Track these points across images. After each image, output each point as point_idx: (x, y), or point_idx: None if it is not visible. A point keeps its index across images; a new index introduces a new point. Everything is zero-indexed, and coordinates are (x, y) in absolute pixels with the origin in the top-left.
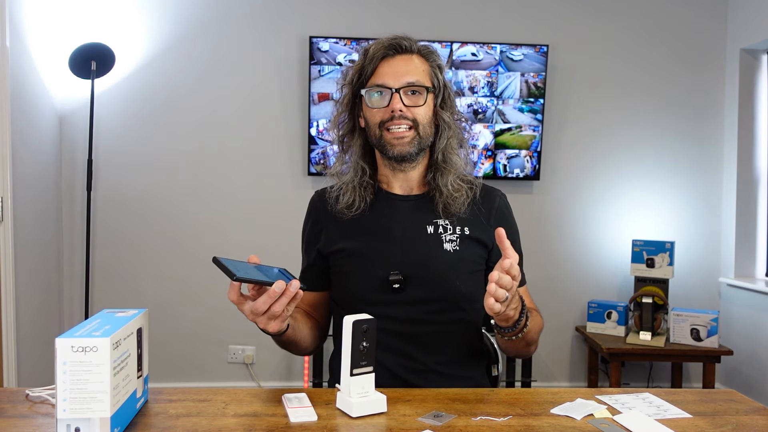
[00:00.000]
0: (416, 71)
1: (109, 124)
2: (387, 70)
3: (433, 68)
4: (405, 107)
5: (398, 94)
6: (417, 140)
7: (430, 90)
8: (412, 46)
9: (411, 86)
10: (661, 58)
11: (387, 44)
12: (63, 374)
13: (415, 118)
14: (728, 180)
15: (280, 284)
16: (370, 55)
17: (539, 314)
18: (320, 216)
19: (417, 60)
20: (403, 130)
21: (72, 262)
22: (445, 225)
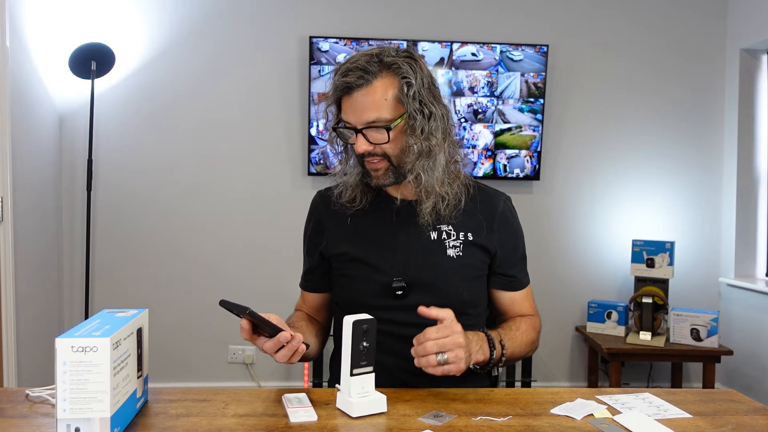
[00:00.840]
0: (376, 106)
1: (109, 124)
2: (347, 108)
3: (402, 86)
4: (371, 145)
5: (361, 134)
6: (392, 170)
7: (391, 127)
8: (368, 78)
9: (372, 125)
10: (661, 58)
11: (341, 84)
12: (63, 374)
13: (384, 152)
14: (728, 180)
15: (284, 335)
16: (331, 92)
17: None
18: (322, 217)
19: (379, 87)
20: (376, 162)
21: (72, 262)
22: (448, 231)
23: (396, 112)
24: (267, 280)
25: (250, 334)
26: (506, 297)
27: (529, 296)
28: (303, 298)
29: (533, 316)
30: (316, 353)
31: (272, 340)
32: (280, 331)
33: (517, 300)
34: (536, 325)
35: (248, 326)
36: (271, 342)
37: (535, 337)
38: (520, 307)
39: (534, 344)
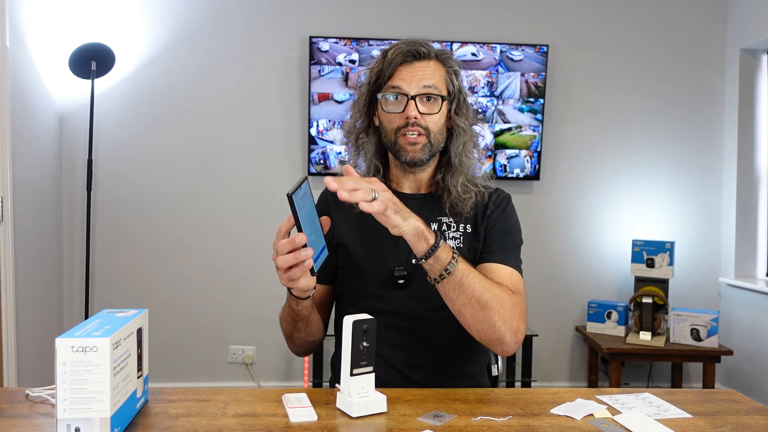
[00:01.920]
0: (433, 77)
1: (109, 124)
2: (404, 75)
3: (449, 73)
4: (420, 114)
5: (414, 101)
6: (428, 147)
7: (445, 98)
8: (430, 52)
9: (427, 92)
10: (661, 58)
11: (405, 50)
12: (63, 374)
13: (427, 126)
14: (728, 180)
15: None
16: (389, 59)
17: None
18: (330, 208)
19: (434, 65)
20: (416, 136)
21: (72, 262)
22: (449, 222)
23: (445, 92)
24: (267, 279)
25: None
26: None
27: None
28: None
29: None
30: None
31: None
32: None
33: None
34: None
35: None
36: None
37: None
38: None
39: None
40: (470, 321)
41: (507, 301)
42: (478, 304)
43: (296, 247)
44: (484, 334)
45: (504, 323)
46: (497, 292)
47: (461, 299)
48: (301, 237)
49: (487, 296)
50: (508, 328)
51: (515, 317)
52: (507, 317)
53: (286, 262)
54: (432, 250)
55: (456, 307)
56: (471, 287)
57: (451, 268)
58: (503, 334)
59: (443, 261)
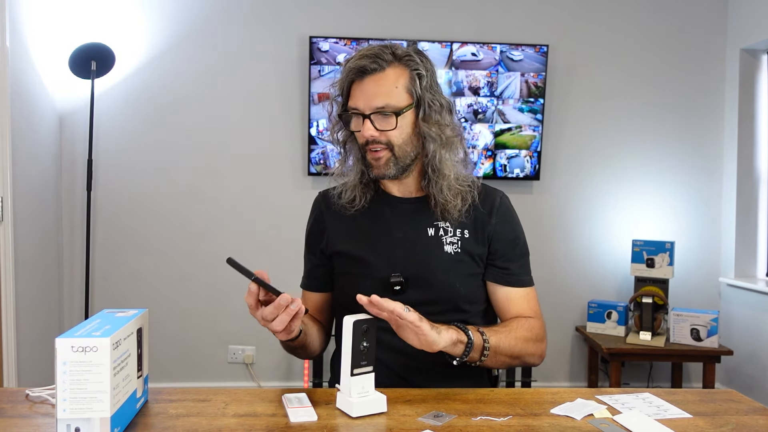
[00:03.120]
0: (387, 93)
1: (109, 124)
2: (357, 94)
3: (413, 78)
4: (377, 132)
5: (369, 119)
6: (393, 161)
7: (401, 112)
8: (382, 63)
9: (380, 110)
10: (661, 58)
11: (355, 67)
12: (63, 374)
13: (389, 141)
14: (728, 180)
15: (285, 297)
16: (343, 75)
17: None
18: (323, 216)
19: (391, 75)
20: (379, 151)
21: (72, 262)
22: (445, 227)
23: (405, 102)
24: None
25: (255, 300)
26: (501, 294)
27: (531, 299)
28: (304, 299)
29: (533, 318)
30: (316, 349)
31: (273, 303)
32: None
33: (513, 298)
34: (535, 326)
35: (256, 289)
36: (271, 306)
37: (532, 336)
38: (517, 306)
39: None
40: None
41: (532, 339)
42: (511, 358)
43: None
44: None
45: (532, 357)
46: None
47: (497, 362)
48: (285, 297)
49: (518, 349)
50: (535, 359)
51: (540, 346)
52: (536, 353)
53: (283, 323)
54: (467, 350)
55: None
56: (504, 352)
57: (486, 353)
58: (532, 363)
59: (478, 348)
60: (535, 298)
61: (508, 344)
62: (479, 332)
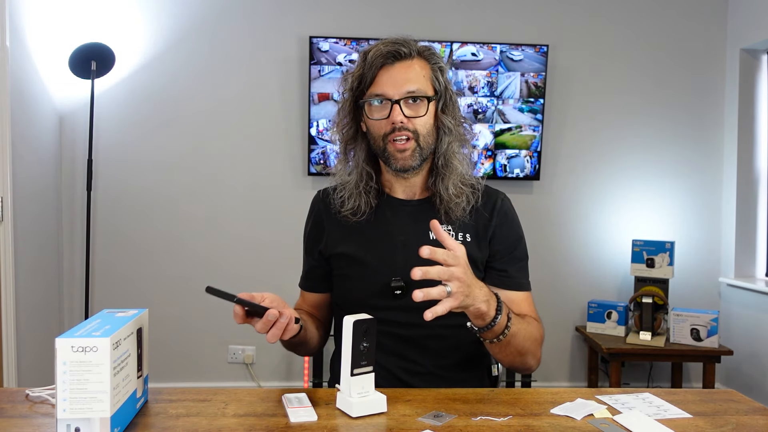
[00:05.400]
0: (416, 78)
1: (109, 124)
2: (386, 79)
3: (434, 71)
4: (406, 118)
5: (398, 105)
6: (418, 151)
7: (431, 99)
8: (411, 51)
9: (411, 95)
10: (661, 57)
11: (385, 51)
12: (63, 374)
13: (416, 129)
14: (728, 180)
15: (272, 312)
16: (369, 62)
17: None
18: (322, 217)
19: (417, 65)
20: (404, 141)
21: (72, 262)
22: (448, 231)
23: (430, 92)
24: (267, 279)
25: (243, 319)
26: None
27: (530, 302)
28: (302, 298)
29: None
30: (315, 345)
31: (261, 320)
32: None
33: (515, 301)
34: (540, 329)
35: (241, 312)
36: (261, 322)
37: (538, 337)
38: (518, 308)
39: (536, 345)
40: (505, 362)
41: (538, 340)
42: (519, 353)
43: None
44: (514, 367)
45: (534, 359)
46: (534, 336)
47: (504, 352)
48: (272, 313)
49: (528, 345)
50: (535, 361)
51: (540, 349)
52: (537, 354)
53: (276, 336)
54: (488, 326)
55: (496, 356)
56: (515, 344)
57: (503, 336)
58: (531, 366)
59: (497, 332)
60: (533, 302)
61: (522, 338)
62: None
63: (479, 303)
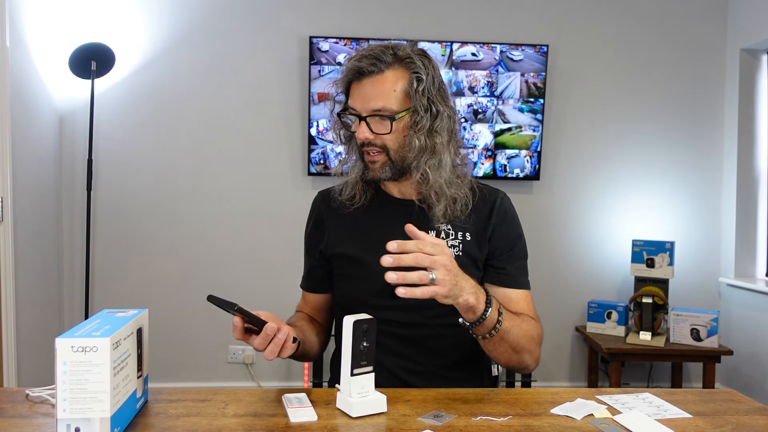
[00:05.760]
0: (384, 95)
1: (109, 124)
2: (355, 95)
3: (412, 81)
4: (372, 134)
5: (365, 122)
6: (389, 164)
7: (397, 116)
8: (382, 65)
9: (377, 113)
10: (661, 58)
11: (355, 67)
12: (63, 374)
13: (384, 144)
14: (728, 180)
15: (271, 327)
16: (343, 76)
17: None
18: (323, 217)
19: (390, 77)
20: (374, 154)
21: (72, 262)
22: (447, 230)
23: (402, 105)
24: (267, 280)
25: (242, 333)
26: (500, 294)
27: (529, 301)
28: (304, 299)
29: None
30: (316, 353)
31: (260, 335)
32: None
33: (513, 299)
34: (537, 327)
35: (240, 324)
36: (259, 337)
37: (534, 336)
38: (516, 306)
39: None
40: (501, 360)
41: (535, 338)
42: (513, 351)
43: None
44: (510, 365)
45: (531, 358)
46: (530, 333)
47: (498, 349)
48: (271, 327)
49: (522, 343)
50: (533, 360)
51: (539, 348)
52: (535, 353)
53: (273, 353)
54: (479, 320)
55: (491, 354)
56: (509, 340)
57: (495, 331)
58: (529, 365)
59: (488, 326)
60: (532, 302)
61: (516, 334)
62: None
63: (467, 294)
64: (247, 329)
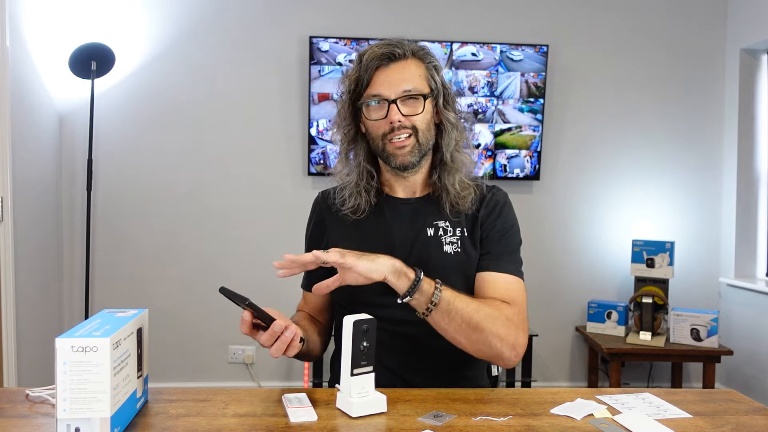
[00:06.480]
0: (412, 78)
1: (109, 124)
2: (382, 80)
3: (429, 70)
4: (403, 117)
5: (395, 104)
6: (417, 148)
7: (427, 96)
8: (405, 52)
9: (408, 94)
10: (661, 57)
11: (380, 53)
12: (63, 374)
13: (414, 126)
14: (728, 180)
15: (278, 324)
16: (365, 65)
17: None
18: (323, 217)
19: (412, 64)
20: (404, 138)
21: (72, 262)
22: (445, 227)
23: (427, 90)
24: (267, 280)
25: (249, 329)
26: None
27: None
28: (304, 299)
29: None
30: (318, 353)
31: (267, 331)
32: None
33: (489, 281)
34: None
35: (249, 318)
36: (266, 334)
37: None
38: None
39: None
40: (467, 345)
41: (499, 318)
42: (470, 327)
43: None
44: (483, 353)
45: (500, 341)
46: (488, 310)
47: (452, 326)
48: (279, 324)
49: (478, 318)
50: (504, 345)
51: (511, 332)
52: (502, 334)
53: (280, 350)
54: (415, 284)
55: (450, 335)
56: (459, 313)
57: (436, 298)
58: (501, 351)
59: (427, 293)
60: (518, 289)
61: (466, 308)
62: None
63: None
64: (255, 325)
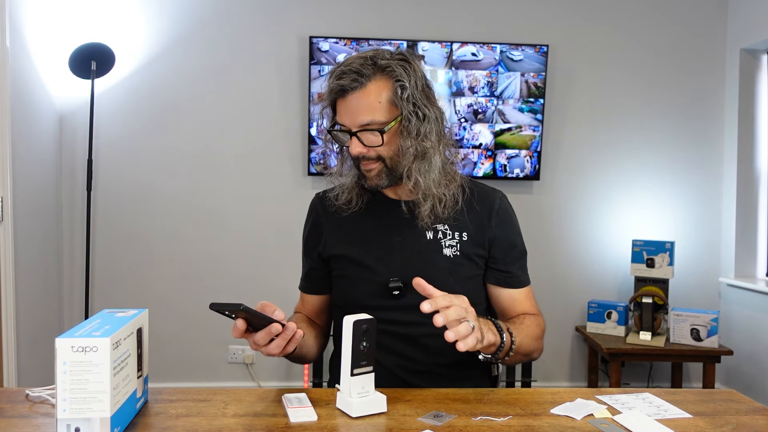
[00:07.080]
0: (370, 108)
1: (109, 124)
2: (342, 110)
3: (396, 89)
4: (365, 148)
5: (356, 137)
6: (385, 172)
7: (386, 128)
8: (362, 80)
9: (366, 127)
10: (661, 58)
11: (335, 86)
12: (63, 374)
13: (379, 155)
14: (728, 180)
15: (276, 327)
16: (326, 92)
17: (539, 317)
18: (320, 218)
19: (374, 90)
20: (370, 164)
21: (72, 262)
22: (444, 230)
23: (390, 115)
24: (267, 280)
25: (242, 333)
26: (505, 295)
27: (531, 296)
28: (302, 301)
29: (536, 315)
30: (313, 356)
31: (264, 330)
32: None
33: (518, 299)
34: (540, 323)
35: (243, 326)
36: (262, 332)
37: (539, 334)
38: (521, 305)
39: (539, 341)
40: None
41: (541, 335)
42: (525, 356)
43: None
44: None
45: (538, 353)
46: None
47: (514, 360)
48: (276, 327)
49: (532, 345)
50: (538, 354)
51: (542, 341)
52: (540, 349)
53: (280, 347)
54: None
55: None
56: (523, 350)
57: (511, 354)
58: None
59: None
60: (533, 295)
61: (527, 344)
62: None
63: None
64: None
